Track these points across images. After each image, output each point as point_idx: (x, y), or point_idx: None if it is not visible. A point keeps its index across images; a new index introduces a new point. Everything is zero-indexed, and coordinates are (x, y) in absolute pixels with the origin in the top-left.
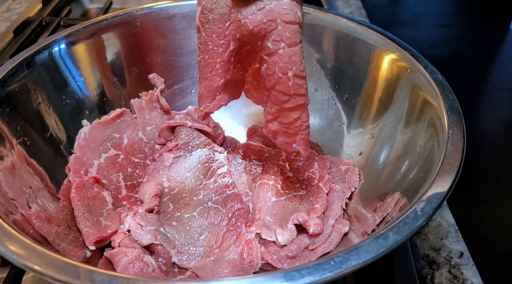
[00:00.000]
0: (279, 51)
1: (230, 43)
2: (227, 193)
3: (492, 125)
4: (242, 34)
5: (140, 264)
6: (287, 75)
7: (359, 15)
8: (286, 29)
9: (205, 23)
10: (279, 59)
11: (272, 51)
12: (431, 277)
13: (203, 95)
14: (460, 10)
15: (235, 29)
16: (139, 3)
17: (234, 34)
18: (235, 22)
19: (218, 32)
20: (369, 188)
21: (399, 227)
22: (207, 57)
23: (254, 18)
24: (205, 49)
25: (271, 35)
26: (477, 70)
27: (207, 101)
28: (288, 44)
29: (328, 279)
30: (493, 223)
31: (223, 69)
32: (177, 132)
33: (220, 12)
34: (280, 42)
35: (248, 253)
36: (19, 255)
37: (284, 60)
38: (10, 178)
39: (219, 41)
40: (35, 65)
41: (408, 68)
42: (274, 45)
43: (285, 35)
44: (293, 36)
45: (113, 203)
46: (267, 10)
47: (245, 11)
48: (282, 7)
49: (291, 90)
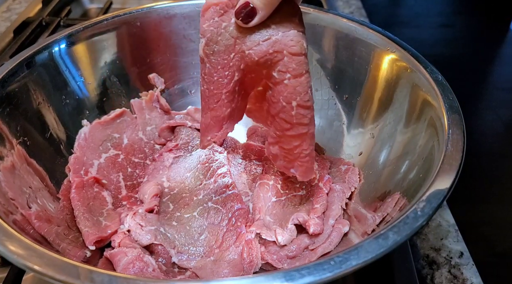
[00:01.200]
0: (284, 82)
1: (235, 74)
2: (227, 193)
3: (492, 125)
4: (247, 64)
5: (140, 264)
6: (291, 105)
7: (359, 15)
8: (292, 60)
9: (210, 55)
10: (284, 89)
11: (277, 81)
12: (431, 277)
13: (209, 125)
14: (460, 10)
15: (240, 60)
16: (139, 3)
17: (238, 65)
18: (239, 53)
19: (223, 64)
20: (369, 188)
21: (399, 227)
22: (212, 88)
23: (260, 49)
24: (210, 80)
25: (277, 65)
26: (477, 70)
27: (215, 131)
28: (293, 75)
29: (328, 279)
30: (493, 223)
31: (229, 99)
32: (177, 132)
33: (225, 44)
34: (286, 73)
35: (248, 253)
36: (19, 255)
37: (289, 90)
38: (10, 178)
39: (224, 73)
40: (35, 65)
41: (408, 68)
42: (279, 76)
43: (291, 67)
44: (299, 67)
45: (113, 203)
46: (273, 41)
47: (249, 42)
48: (288, 38)
49: (293, 119)
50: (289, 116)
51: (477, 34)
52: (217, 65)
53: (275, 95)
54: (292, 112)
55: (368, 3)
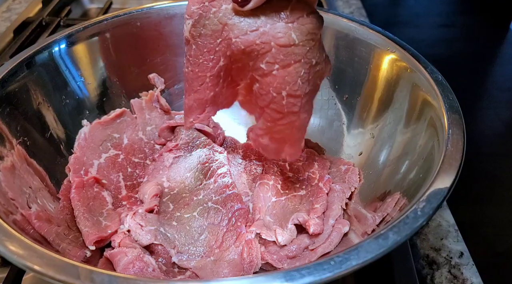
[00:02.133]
0: (273, 72)
1: (220, 59)
2: (227, 193)
3: (492, 125)
4: (233, 52)
5: (140, 264)
6: (281, 95)
7: (359, 15)
8: (280, 52)
9: (197, 37)
10: (274, 80)
11: (265, 73)
12: (431, 277)
13: (192, 107)
14: (460, 10)
15: (226, 47)
16: (139, 3)
17: (224, 51)
18: (226, 40)
19: (209, 47)
20: (369, 188)
21: (399, 227)
22: (197, 70)
23: (246, 39)
24: (194, 62)
25: (265, 57)
26: (477, 70)
27: (197, 113)
28: (282, 66)
29: (328, 279)
30: (493, 223)
31: (213, 83)
32: (177, 132)
33: (213, 29)
34: (274, 64)
35: (248, 253)
36: (19, 255)
37: (278, 81)
38: (10, 178)
39: (210, 56)
40: (35, 65)
41: (408, 68)
42: (268, 67)
43: (279, 58)
44: (286, 58)
45: (113, 203)
46: (260, 32)
47: (237, 31)
48: (276, 31)
49: (284, 108)
50: (280, 106)
51: (477, 34)
52: (203, 48)
53: (263, 87)
54: (283, 102)
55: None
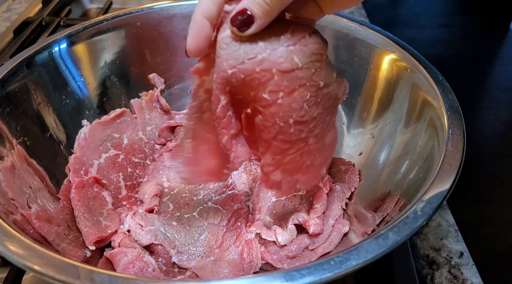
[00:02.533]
0: (278, 101)
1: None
2: (227, 193)
3: (492, 125)
4: (233, 85)
5: (140, 264)
6: (289, 123)
7: (359, 15)
8: (284, 78)
9: None
10: (279, 109)
11: (269, 103)
12: (431, 277)
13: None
14: (460, 10)
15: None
16: (139, 3)
17: (222, 88)
18: (221, 73)
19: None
20: (369, 188)
21: (399, 227)
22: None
23: (245, 68)
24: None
25: (267, 85)
26: (477, 70)
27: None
28: (287, 93)
29: (328, 279)
30: (493, 223)
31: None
32: (177, 132)
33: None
34: (279, 92)
35: (248, 253)
36: (19, 255)
37: (284, 109)
38: (10, 178)
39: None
40: (35, 65)
41: (408, 68)
42: (271, 96)
43: (283, 84)
44: (291, 84)
45: (113, 203)
46: (259, 59)
47: (232, 60)
48: (276, 56)
49: (292, 136)
50: (288, 135)
51: (477, 34)
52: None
53: (268, 119)
54: (291, 130)
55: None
